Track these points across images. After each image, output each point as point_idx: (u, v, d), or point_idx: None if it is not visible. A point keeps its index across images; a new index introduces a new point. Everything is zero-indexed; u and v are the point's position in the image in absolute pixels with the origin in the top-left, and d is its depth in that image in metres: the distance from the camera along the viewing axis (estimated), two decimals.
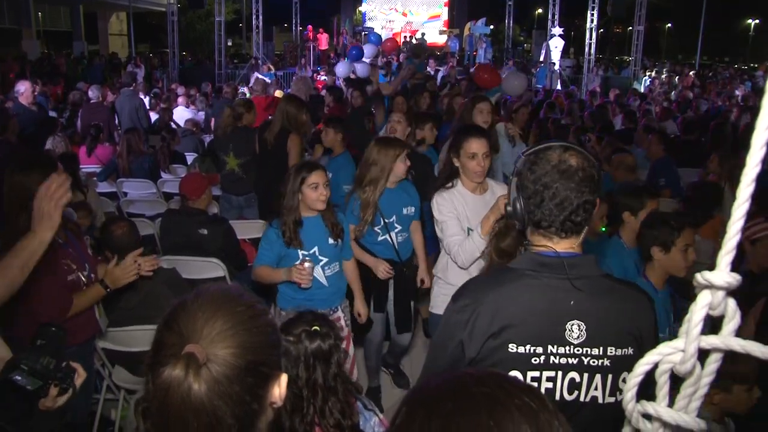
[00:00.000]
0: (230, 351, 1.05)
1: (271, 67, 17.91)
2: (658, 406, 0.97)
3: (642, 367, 0.98)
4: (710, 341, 0.91)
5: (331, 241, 3.50)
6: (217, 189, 5.81)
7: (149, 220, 5.48)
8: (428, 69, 16.50)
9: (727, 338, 0.90)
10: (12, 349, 1.92)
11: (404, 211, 3.96)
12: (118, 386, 3.67)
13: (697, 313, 0.90)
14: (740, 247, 0.88)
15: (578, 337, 1.64)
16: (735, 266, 0.87)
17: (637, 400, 1.00)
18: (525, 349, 1.64)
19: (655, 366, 0.97)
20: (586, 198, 1.64)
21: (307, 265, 3.22)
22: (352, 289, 3.78)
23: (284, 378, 1.16)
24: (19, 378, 1.71)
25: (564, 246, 1.69)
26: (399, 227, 3.95)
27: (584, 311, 1.65)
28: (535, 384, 1.66)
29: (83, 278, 2.95)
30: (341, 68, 12.83)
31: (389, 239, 3.91)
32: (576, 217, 1.65)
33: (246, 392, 1.06)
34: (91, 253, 3.25)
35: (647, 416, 1.00)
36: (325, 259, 3.49)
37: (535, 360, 1.65)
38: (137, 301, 3.49)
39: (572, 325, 1.64)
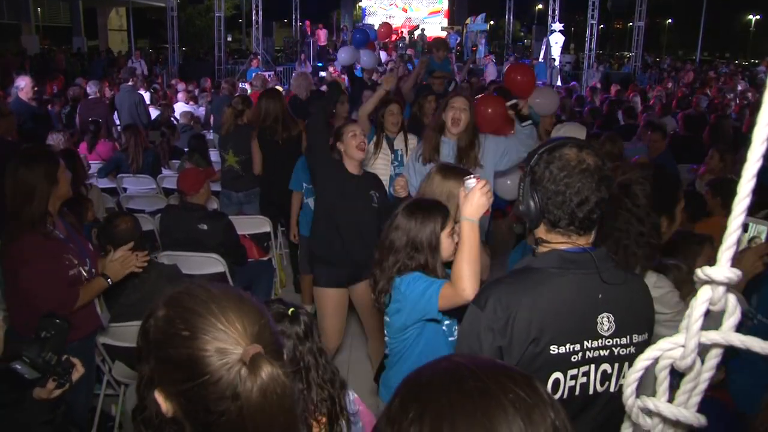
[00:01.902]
0: (271, 339, 1.09)
1: (259, 61, 17.54)
2: (658, 402, 0.97)
3: (642, 362, 0.98)
4: (710, 337, 0.91)
5: None
6: (217, 185, 5.82)
7: (149, 215, 5.48)
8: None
9: (728, 333, 0.90)
10: (10, 341, 1.92)
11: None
12: (118, 381, 3.67)
13: (698, 308, 0.90)
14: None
15: (608, 329, 1.68)
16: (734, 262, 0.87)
17: (637, 395, 1.01)
18: (565, 349, 1.66)
19: (656, 361, 0.97)
20: (603, 196, 1.67)
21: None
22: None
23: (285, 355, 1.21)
24: (19, 367, 1.72)
25: (582, 242, 1.71)
26: None
27: (611, 303, 1.68)
28: (573, 382, 1.68)
29: (84, 273, 2.96)
30: (344, 55, 10.15)
31: None
32: (593, 215, 1.67)
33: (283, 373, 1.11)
34: (92, 248, 3.26)
35: (647, 411, 1.00)
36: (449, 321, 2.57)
37: (574, 358, 1.67)
38: (138, 296, 3.49)
39: (602, 318, 1.67)
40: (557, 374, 1.66)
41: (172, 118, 9.50)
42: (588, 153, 1.66)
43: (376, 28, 15.78)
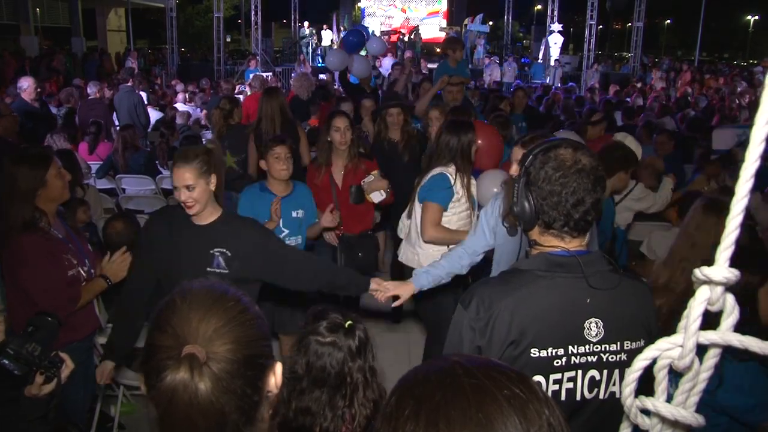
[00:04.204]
0: (228, 347, 1.06)
1: (257, 62, 17.36)
2: (657, 402, 0.97)
3: (640, 362, 0.98)
4: (709, 337, 0.91)
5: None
6: None
7: (148, 216, 5.47)
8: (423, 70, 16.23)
9: (726, 333, 0.90)
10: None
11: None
12: (117, 382, 3.67)
13: (696, 308, 0.90)
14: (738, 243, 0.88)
15: (597, 334, 1.65)
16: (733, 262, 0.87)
17: (636, 395, 1.01)
18: (547, 353, 1.63)
19: (654, 361, 0.97)
20: (598, 196, 1.65)
21: None
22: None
23: (279, 366, 1.17)
24: (6, 362, 1.72)
25: (574, 245, 1.69)
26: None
27: (600, 308, 1.65)
28: (557, 386, 1.65)
29: (83, 273, 2.96)
30: (334, 59, 8.76)
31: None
32: (588, 216, 1.65)
33: (247, 385, 1.08)
34: (91, 249, 3.25)
35: (646, 411, 1.00)
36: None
37: (557, 362, 1.64)
38: None
39: (590, 323, 1.64)
40: (538, 377, 1.63)
41: (177, 118, 9.51)
42: (583, 153, 1.65)
43: (377, 32, 15.24)
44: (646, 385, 1.00)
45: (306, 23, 23.61)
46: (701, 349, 0.94)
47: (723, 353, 0.94)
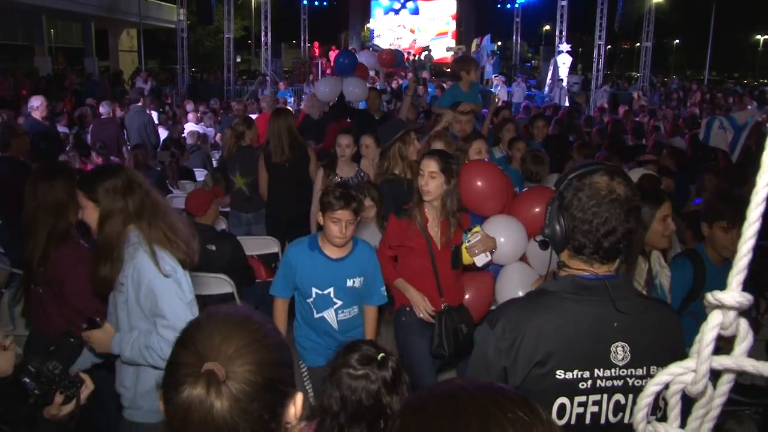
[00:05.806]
0: (248, 368, 1.07)
1: (282, 84, 17.53)
2: (670, 428, 0.96)
3: (653, 387, 0.97)
4: (722, 362, 0.90)
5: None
6: (226, 205, 5.84)
7: None
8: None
9: (740, 358, 0.89)
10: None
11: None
12: None
13: (709, 333, 0.89)
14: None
15: (623, 358, 1.64)
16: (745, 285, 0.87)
17: (648, 421, 0.99)
18: (573, 375, 1.63)
19: (667, 386, 0.96)
20: (631, 226, 1.65)
21: None
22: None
23: (299, 397, 1.17)
24: (27, 380, 1.72)
25: (603, 270, 1.69)
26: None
27: (627, 332, 1.65)
28: (582, 409, 1.65)
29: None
30: (324, 87, 7.85)
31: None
32: (619, 245, 1.65)
33: (265, 410, 1.08)
34: None
35: None
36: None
37: (583, 385, 1.64)
38: None
39: (617, 347, 1.64)
40: (563, 399, 1.64)
41: (183, 137, 9.58)
42: (619, 182, 1.65)
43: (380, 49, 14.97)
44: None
45: (316, 44, 23.84)
46: (715, 375, 0.93)
47: None
